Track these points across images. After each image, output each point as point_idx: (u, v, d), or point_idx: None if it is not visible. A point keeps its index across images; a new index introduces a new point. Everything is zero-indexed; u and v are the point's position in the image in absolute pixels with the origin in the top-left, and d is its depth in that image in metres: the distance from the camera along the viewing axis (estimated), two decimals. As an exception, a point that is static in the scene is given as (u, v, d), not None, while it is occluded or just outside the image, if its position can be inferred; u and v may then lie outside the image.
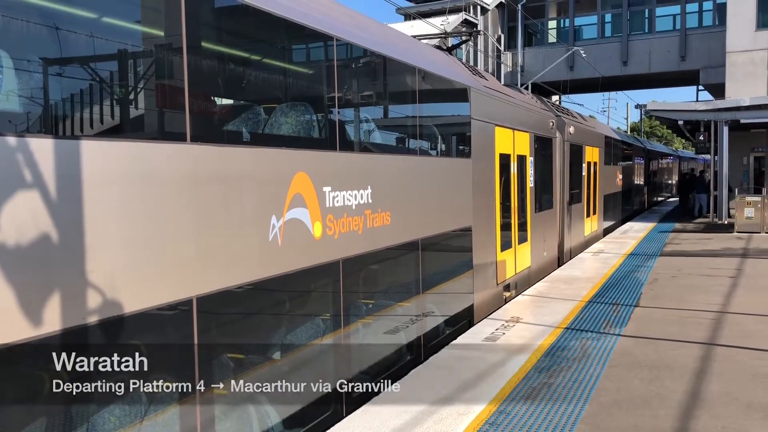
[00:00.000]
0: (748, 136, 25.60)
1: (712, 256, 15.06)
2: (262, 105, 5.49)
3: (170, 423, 4.13)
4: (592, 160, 18.87)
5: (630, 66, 36.46)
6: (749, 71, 26.21)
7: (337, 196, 5.98)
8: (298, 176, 5.40)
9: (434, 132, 8.69)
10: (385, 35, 7.87)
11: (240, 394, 4.58)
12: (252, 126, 5.32)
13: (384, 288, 7.40)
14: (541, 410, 5.71)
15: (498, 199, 10.60)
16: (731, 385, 6.29)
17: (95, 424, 3.79)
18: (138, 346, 3.84)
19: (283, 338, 5.57)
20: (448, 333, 8.59)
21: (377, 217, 6.72)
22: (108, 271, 3.68)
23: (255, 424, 4.94)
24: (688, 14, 35.43)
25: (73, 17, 3.68)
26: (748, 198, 20.79)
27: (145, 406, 4.04)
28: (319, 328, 5.96)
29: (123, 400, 3.87)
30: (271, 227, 5.05)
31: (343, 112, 6.46)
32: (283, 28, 5.53)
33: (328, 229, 5.85)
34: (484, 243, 9.97)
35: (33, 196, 3.29)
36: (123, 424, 3.90)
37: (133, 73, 4.10)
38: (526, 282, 12.45)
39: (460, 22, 33.34)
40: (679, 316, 9.15)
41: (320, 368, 5.94)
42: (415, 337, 7.68)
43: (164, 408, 4.13)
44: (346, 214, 6.15)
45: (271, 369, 5.29)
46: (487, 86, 10.57)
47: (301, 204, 5.43)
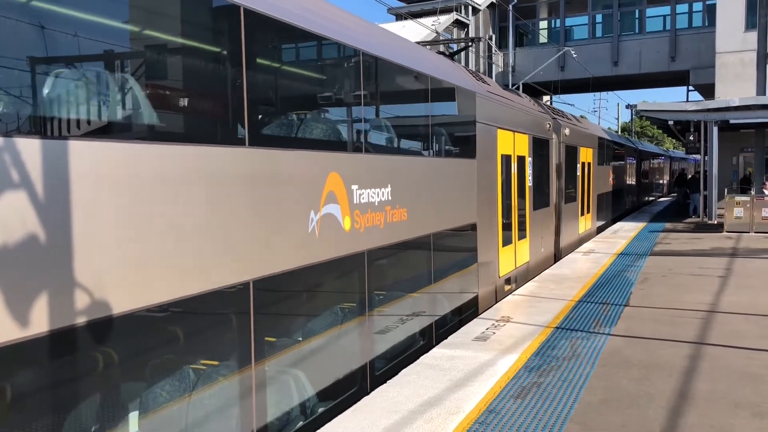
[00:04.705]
0: (738, 137, 25.80)
1: (702, 256, 15.16)
2: (304, 113, 6.12)
3: (230, 387, 4.81)
4: (586, 160, 19.43)
5: (621, 66, 36.64)
6: (738, 72, 26.38)
7: (362, 194, 6.71)
8: (332, 176, 6.12)
9: (444, 135, 9.25)
10: (401, 46, 8.42)
11: (285, 365, 5.50)
12: (295, 132, 5.93)
13: (402, 278, 7.93)
14: (530, 409, 5.73)
15: (500, 198, 11.27)
16: (719, 384, 6.33)
17: (179, 381, 4.45)
18: (212, 318, 4.65)
19: (319, 320, 6.17)
20: (456, 321, 9.32)
21: (396, 213, 7.47)
22: (190, 256, 4.36)
23: (294, 393, 5.65)
24: (678, 15, 35.64)
25: (154, 39, 4.30)
26: (737, 198, 20.94)
27: (212, 368, 4.70)
28: (348, 312, 6.58)
29: (201, 358, 4.62)
30: (310, 221, 5.76)
31: (369, 117, 7.08)
32: (328, 49, 6.36)
33: (356, 223, 6.57)
34: (488, 238, 10.70)
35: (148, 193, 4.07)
36: (198, 385, 4.57)
37: (210, 89, 4.73)
38: (525, 276, 13.03)
39: (452, 22, 33.39)
40: (668, 315, 9.20)
41: (350, 348, 6.62)
42: (427, 324, 8.43)
43: (226, 373, 4.78)
44: (370, 210, 6.88)
45: (310, 346, 5.94)
46: (490, 91, 11.17)
47: (333, 200, 6.15)
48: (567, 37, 38.32)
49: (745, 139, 25.83)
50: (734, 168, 27.24)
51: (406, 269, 8.03)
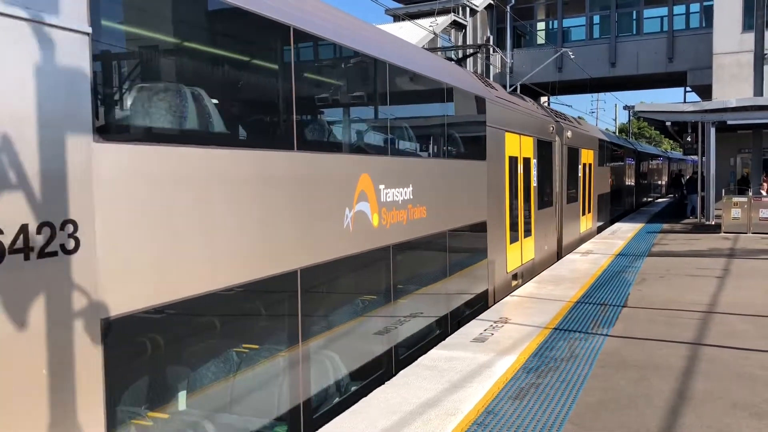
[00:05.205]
0: (735, 138, 25.82)
1: (700, 257, 15.18)
2: (341, 120, 6.88)
3: (280, 363, 5.49)
4: (587, 162, 19.91)
5: (618, 67, 36.68)
6: (735, 73, 26.44)
7: (388, 193, 7.32)
8: (363, 177, 6.76)
9: (458, 138, 9.82)
10: (424, 57, 9.13)
11: (325, 345, 6.19)
12: (334, 137, 6.66)
13: (422, 271, 8.54)
14: (528, 410, 5.74)
15: (507, 198, 11.92)
16: (717, 384, 6.34)
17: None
18: (269, 300, 5.37)
19: (352, 307, 6.86)
20: (468, 312, 9.94)
21: (416, 211, 8.07)
22: (253, 248, 5.01)
23: (331, 372, 6.29)
24: (675, 16, 35.68)
25: (230, 60, 4.99)
26: (734, 199, 20.96)
27: (270, 343, 5.42)
28: (375, 301, 7.21)
29: (259, 336, 5.32)
30: (345, 217, 6.39)
31: (395, 124, 7.73)
32: (361, 63, 6.99)
33: (383, 219, 7.19)
34: (496, 236, 11.37)
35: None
36: (259, 358, 5.27)
37: (269, 100, 5.41)
38: (531, 272, 13.58)
39: (449, 23, 33.41)
40: (666, 316, 9.21)
41: (379, 333, 7.28)
42: (443, 314, 9.09)
43: (280, 348, 5.49)
44: (395, 207, 7.49)
45: (345, 329, 6.64)
46: (498, 96, 11.84)
47: (364, 199, 6.78)
48: (564, 38, 38.37)
49: (742, 140, 25.85)
50: (732, 169, 27.27)
51: (425, 263, 8.65)
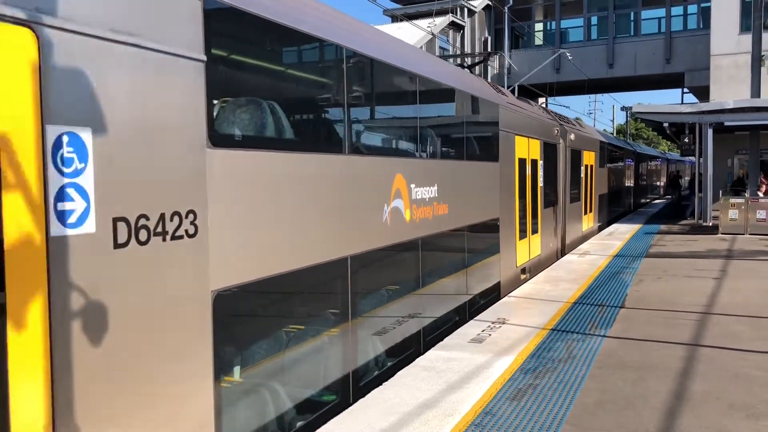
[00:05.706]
0: (733, 139, 25.85)
1: (697, 258, 15.20)
2: (382, 127, 7.90)
3: (335, 339, 6.41)
4: (589, 163, 20.68)
5: (616, 68, 36.73)
6: (733, 74, 26.49)
7: (418, 191, 8.16)
8: (398, 177, 7.60)
9: (475, 142, 10.64)
10: (450, 71, 10.05)
11: (369, 324, 7.12)
12: (376, 141, 7.70)
13: (444, 263, 9.41)
14: (526, 411, 5.75)
15: (517, 197, 12.81)
16: (714, 385, 6.36)
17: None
18: (326, 282, 6.27)
19: (389, 292, 7.70)
20: (483, 302, 10.81)
21: (440, 208, 8.92)
22: (317, 236, 5.87)
23: (371, 349, 7.15)
24: (673, 17, 35.74)
25: (303, 81, 6.23)
26: (732, 200, 20.99)
27: (328, 316, 6.32)
28: (407, 287, 8.08)
29: (321, 310, 6.30)
30: (384, 212, 7.26)
31: (423, 128, 8.58)
32: (395, 76, 7.82)
33: (413, 215, 8.04)
34: (507, 232, 12.27)
35: None
36: (323, 329, 6.26)
37: (328, 111, 6.51)
38: (537, 267, 14.38)
39: (447, 24, 33.43)
40: (663, 317, 9.23)
41: (410, 316, 8.11)
42: (461, 303, 9.94)
43: (338, 321, 6.42)
44: (423, 204, 8.34)
45: (386, 311, 7.58)
46: (509, 102, 12.71)
47: (399, 196, 7.62)
48: (562, 39, 38.41)
49: (739, 142, 25.88)
50: (729, 170, 27.31)
51: (447, 255, 9.49)
